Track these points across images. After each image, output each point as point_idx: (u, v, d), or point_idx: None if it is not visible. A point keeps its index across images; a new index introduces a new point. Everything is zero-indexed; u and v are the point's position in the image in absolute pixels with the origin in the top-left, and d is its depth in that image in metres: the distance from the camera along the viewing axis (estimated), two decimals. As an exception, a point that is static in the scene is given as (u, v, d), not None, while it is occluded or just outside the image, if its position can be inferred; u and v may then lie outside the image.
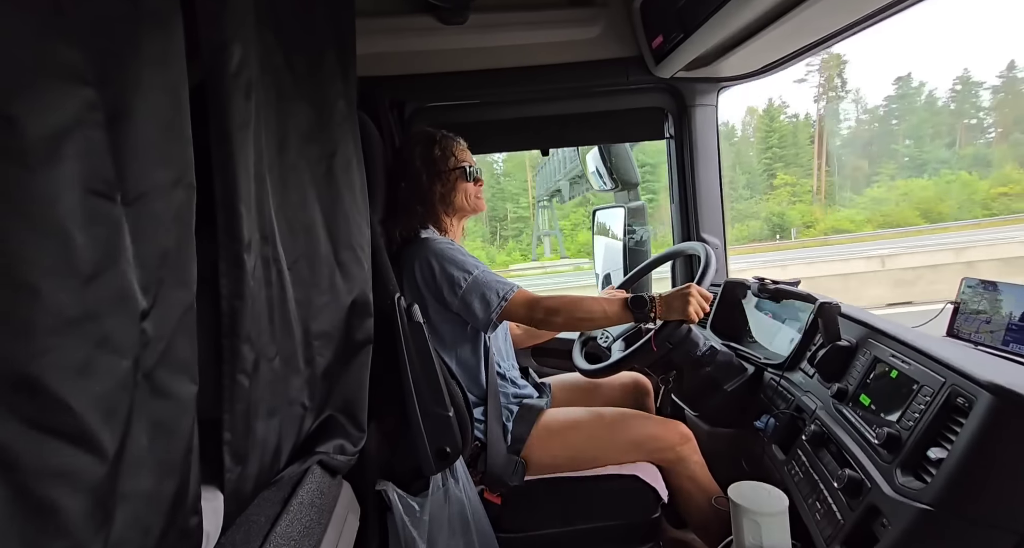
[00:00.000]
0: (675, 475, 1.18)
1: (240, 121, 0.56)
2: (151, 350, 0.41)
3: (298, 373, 0.74)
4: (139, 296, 0.38)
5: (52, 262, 0.32)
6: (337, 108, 0.85)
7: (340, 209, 0.85)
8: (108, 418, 0.35)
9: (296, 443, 0.75)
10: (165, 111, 0.42)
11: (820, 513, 0.77)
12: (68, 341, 0.33)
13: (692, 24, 1.11)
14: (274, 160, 0.69)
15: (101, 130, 0.36)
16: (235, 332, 0.57)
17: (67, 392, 0.32)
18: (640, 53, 1.38)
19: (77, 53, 0.34)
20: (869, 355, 0.85)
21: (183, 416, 0.45)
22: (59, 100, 0.33)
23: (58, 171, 0.32)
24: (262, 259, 0.63)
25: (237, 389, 0.58)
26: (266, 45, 0.66)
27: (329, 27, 0.85)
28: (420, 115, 1.50)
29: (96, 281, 0.35)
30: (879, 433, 0.70)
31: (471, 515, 1.06)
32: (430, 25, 1.29)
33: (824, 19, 1.06)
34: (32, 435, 0.31)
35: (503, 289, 1.10)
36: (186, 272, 0.45)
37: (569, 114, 1.53)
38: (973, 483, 0.57)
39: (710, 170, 1.53)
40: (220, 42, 0.54)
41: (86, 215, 0.34)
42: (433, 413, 0.98)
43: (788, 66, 1.34)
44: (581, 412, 1.23)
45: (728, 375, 1.14)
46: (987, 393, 0.57)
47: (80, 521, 0.33)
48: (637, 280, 1.43)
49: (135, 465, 0.39)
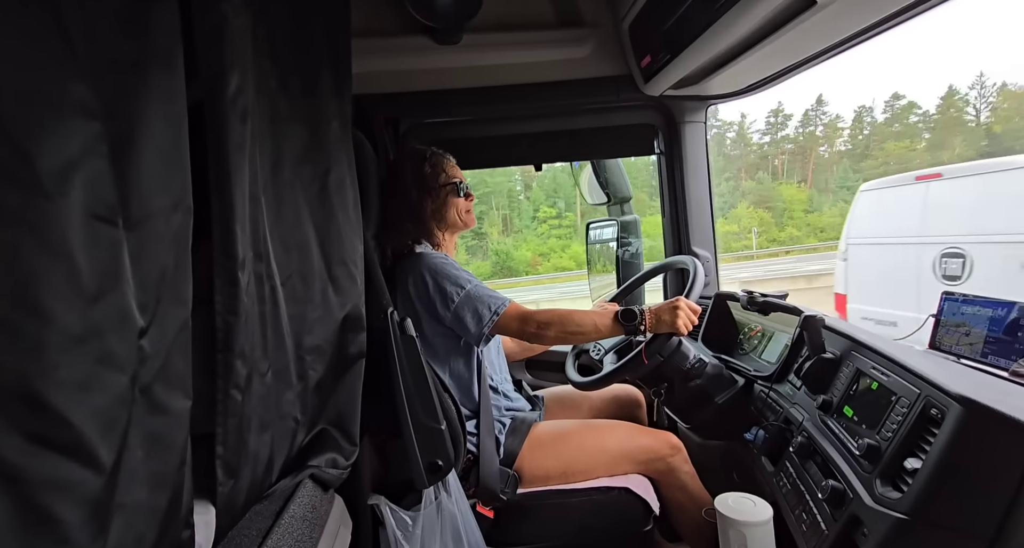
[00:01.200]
0: (666, 486, 1.19)
1: (236, 144, 0.59)
2: (148, 367, 0.42)
3: (291, 387, 0.75)
4: (137, 315, 0.40)
5: (61, 284, 0.34)
6: (331, 128, 0.88)
7: (333, 226, 0.87)
8: (106, 432, 0.37)
9: (288, 457, 0.76)
10: (166, 141, 0.44)
11: (806, 524, 0.78)
12: (72, 358, 0.35)
13: (678, 45, 1.15)
14: (268, 180, 0.71)
15: (105, 160, 0.38)
16: (229, 347, 0.58)
17: (68, 407, 0.34)
18: (630, 72, 1.42)
19: (87, 90, 0.37)
20: (852, 367, 0.87)
21: (177, 430, 0.47)
22: (69, 134, 0.35)
23: (67, 199, 0.34)
24: (255, 276, 0.65)
25: (230, 403, 0.59)
26: (262, 71, 0.69)
27: (326, 49, 0.88)
28: (414, 131, 1.53)
29: (99, 301, 0.37)
30: (860, 444, 0.72)
31: (464, 529, 1.06)
32: (424, 45, 1.32)
33: (804, 42, 1.09)
34: (34, 449, 0.33)
35: (495, 303, 1.11)
36: (182, 290, 0.47)
37: (561, 130, 1.56)
38: (945, 492, 0.58)
39: (700, 184, 1.56)
40: (219, 70, 0.57)
41: (90, 239, 0.36)
42: (426, 426, 0.99)
43: (774, 84, 1.38)
44: (572, 424, 1.24)
45: (718, 387, 1.16)
46: (957, 405, 0.59)
47: (78, 531, 0.35)
48: (628, 293, 1.45)
49: (131, 477, 0.40)
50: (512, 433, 1.19)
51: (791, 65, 1.21)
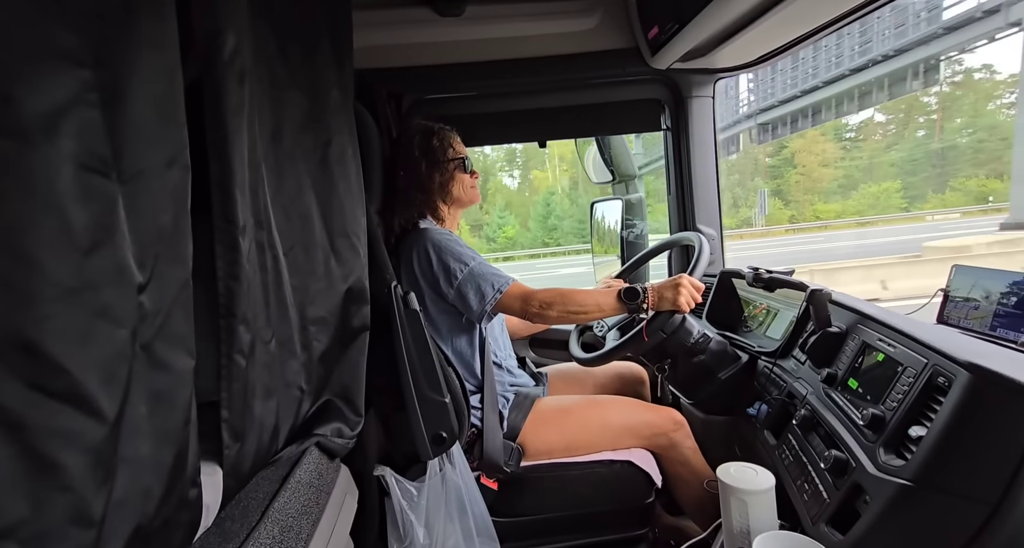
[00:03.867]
0: (668, 460, 1.20)
1: (234, 106, 0.58)
2: (148, 323, 0.42)
3: (295, 357, 0.76)
4: (135, 270, 0.40)
5: (50, 234, 0.34)
6: (332, 97, 0.86)
7: (335, 197, 0.86)
8: (106, 384, 0.37)
9: (294, 425, 0.77)
10: (159, 93, 0.43)
11: (808, 494, 0.79)
12: (67, 309, 0.35)
13: (687, 15, 1.12)
14: (268, 148, 0.70)
15: (96, 110, 0.37)
16: (231, 312, 0.59)
17: (65, 357, 0.34)
18: (636, 44, 1.38)
19: (74, 37, 0.36)
20: (858, 340, 0.86)
21: (181, 388, 0.47)
22: (56, 80, 0.35)
23: (55, 148, 0.34)
24: (256, 244, 0.65)
25: (234, 368, 0.60)
26: (259, 34, 0.67)
27: (324, 16, 0.86)
28: (417, 107, 1.51)
29: (93, 254, 0.36)
30: (864, 414, 0.71)
31: (468, 500, 1.08)
32: (427, 17, 1.30)
33: (816, 10, 1.06)
34: (34, 396, 0.33)
35: (498, 281, 1.11)
36: (182, 250, 0.47)
37: (566, 106, 1.54)
38: (949, 458, 0.58)
39: (707, 161, 1.54)
40: (214, 29, 0.56)
41: (82, 191, 0.36)
42: (429, 399, 1.00)
43: (783, 56, 1.35)
44: (576, 399, 1.25)
45: (721, 363, 1.16)
46: (965, 372, 0.59)
47: (81, 478, 0.35)
48: (634, 270, 1.44)
49: (134, 431, 0.41)
50: (516, 408, 1.20)
51: (803, 34, 1.18)
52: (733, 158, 26.91)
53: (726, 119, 21.08)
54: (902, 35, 14.59)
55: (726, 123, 21.15)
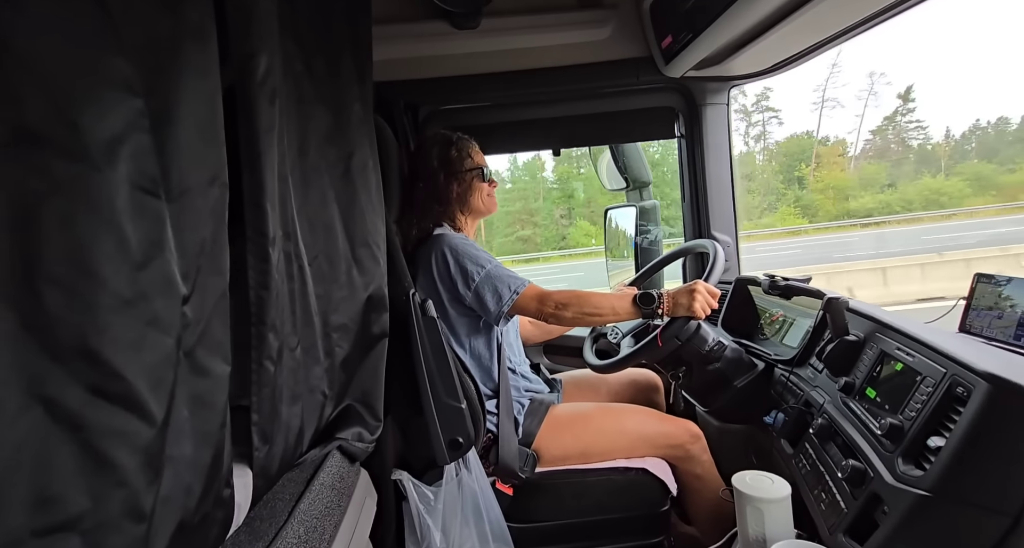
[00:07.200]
0: (683, 472, 1.19)
1: (266, 125, 0.61)
2: (191, 331, 0.45)
3: (318, 363, 0.78)
4: (180, 283, 0.43)
5: (110, 250, 0.37)
6: (354, 111, 0.89)
7: (357, 208, 0.89)
8: (155, 389, 0.40)
9: (317, 428, 0.80)
10: (203, 117, 0.46)
11: (825, 503, 0.79)
12: (123, 319, 0.38)
13: (701, 24, 1.13)
14: (295, 161, 0.73)
15: (148, 135, 0.40)
16: (262, 320, 0.61)
17: (122, 364, 0.37)
18: (650, 53, 1.40)
19: (128, 66, 0.39)
20: (876, 349, 0.85)
21: (218, 392, 0.50)
22: (115, 108, 0.38)
23: (115, 171, 0.37)
24: (284, 255, 0.67)
25: (263, 373, 0.62)
26: (288, 53, 0.70)
27: (347, 33, 0.89)
28: (434, 118, 1.55)
29: (146, 268, 0.39)
30: (882, 424, 0.71)
31: (484, 505, 1.09)
32: (443, 30, 1.33)
33: (832, 17, 1.06)
34: (94, 400, 0.36)
35: (515, 283, 1.13)
36: (220, 262, 0.50)
37: (581, 115, 1.55)
38: (968, 469, 0.58)
39: (722, 168, 1.54)
40: (249, 52, 0.59)
41: (136, 209, 0.39)
42: (446, 405, 1.02)
43: (798, 64, 1.34)
44: (591, 406, 1.25)
45: (737, 371, 1.15)
46: (984, 382, 0.58)
47: (134, 476, 0.38)
48: (648, 278, 1.45)
49: (179, 433, 0.43)
50: (531, 414, 1.21)
51: (819, 42, 1.18)
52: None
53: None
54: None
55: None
